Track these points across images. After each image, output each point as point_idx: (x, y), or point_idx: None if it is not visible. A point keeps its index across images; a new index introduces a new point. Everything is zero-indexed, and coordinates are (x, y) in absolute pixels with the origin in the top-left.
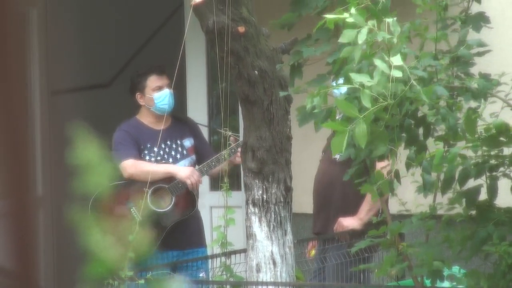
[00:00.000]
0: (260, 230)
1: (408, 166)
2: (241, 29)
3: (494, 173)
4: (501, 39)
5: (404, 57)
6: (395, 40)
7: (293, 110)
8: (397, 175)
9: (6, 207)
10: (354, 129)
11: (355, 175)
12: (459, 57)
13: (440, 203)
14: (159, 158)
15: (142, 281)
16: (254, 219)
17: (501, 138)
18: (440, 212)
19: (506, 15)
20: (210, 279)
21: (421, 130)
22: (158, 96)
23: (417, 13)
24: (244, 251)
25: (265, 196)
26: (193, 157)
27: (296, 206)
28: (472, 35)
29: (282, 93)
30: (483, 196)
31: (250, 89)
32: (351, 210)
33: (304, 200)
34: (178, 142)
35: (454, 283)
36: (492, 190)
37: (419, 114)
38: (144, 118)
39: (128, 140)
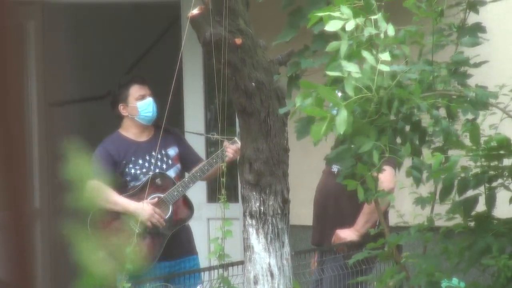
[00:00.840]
0: (257, 242)
1: (409, 174)
2: (238, 40)
3: (493, 184)
4: (499, 51)
5: (394, 57)
6: (382, 35)
7: (290, 122)
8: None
9: (3, 219)
10: (335, 116)
11: (346, 176)
12: (456, 68)
13: (438, 213)
14: (144, 170)
15: None
16: (252, 231)
17: (501, 152)
18: (438, 223)
19: (502, 27)
20: None
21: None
22: (142, 104)
23: (413, 21)
24: (241, 263)
25: (262, 208)
26: (178, 166)
27: (293, 218)
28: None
29: (281, 110)
30: (481, 207)
31: (247, 101)
32: (348, 222)
33: (302, 212)
34: (163, 152)
35: None
36: (491, 201)
37: (414, 118)
38: (127, 130)
39: (102, 158)
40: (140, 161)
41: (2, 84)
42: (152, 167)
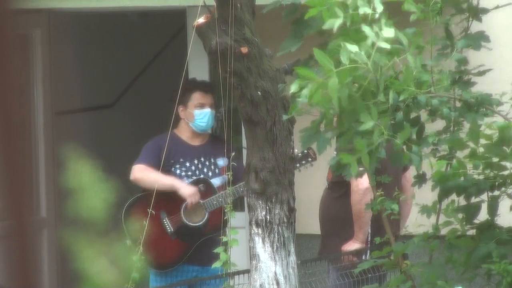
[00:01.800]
0: (263, 250)
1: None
2: (244, 49)
3: (495, 193)
4: (504, 59)
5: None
6: (377, 15)
7: (296, 131)
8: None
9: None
10: (327, 82)
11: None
12: (460, 77)
13: (444, 222)
14: (189, 173)
15: None
16: (258, 240)
17: (504, 148)
18: (444, 231)
19: (508, 35)
20: None
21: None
22: (199, 113)
23: (411, 20)
24: (247, 271)
25: (268, 217)
26: (225, 177)
27: (299, 227)
28: (472, 56)
29: (285, 117)
30: (483, 216)
31: (253, 110)
32: (341, 233)
33: (308, 221)
34: (212, 160)
35: None
36: (493, 209)
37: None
38: (182, 132)
39: (152, 150)
40: (188, 164)
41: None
42: (197, 172)
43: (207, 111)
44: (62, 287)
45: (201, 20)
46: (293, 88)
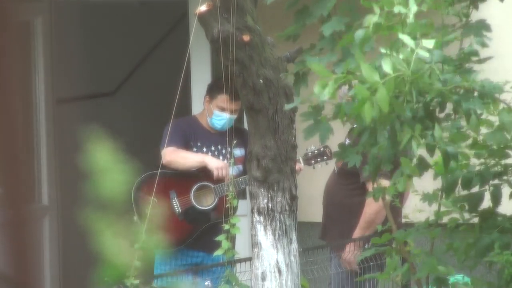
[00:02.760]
0: (265, 238)
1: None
2: (246, 37)
3: (497, 181)
4: (507, 47)
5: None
6: (411, 16)
7: (298, 119)
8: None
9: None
10: (375, 94)
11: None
12: (461, 64)
13: (444, 211)
14: None
15: None
16: (260, 228)
17: (505, 134)
18: (445, 219)
19: (510, 22)
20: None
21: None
22: (218, 114)
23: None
24: (249, 259)
25: (270, 205)
26: (240, 167)
27: (301, 215)
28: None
29: (287, 106)
30: (486, 204)
31: (255, 98)
32: (347, 220)
33: (309, 209)
34: (229, 149)
35: None
36: (496, 198)
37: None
38: (203, 118)
39: (177, 131)
40: (205, 149)
41: (10, 81)
42: None
43: (226, 116)
44: (64, 274)
45: (203, 8)
46: (316, 90)
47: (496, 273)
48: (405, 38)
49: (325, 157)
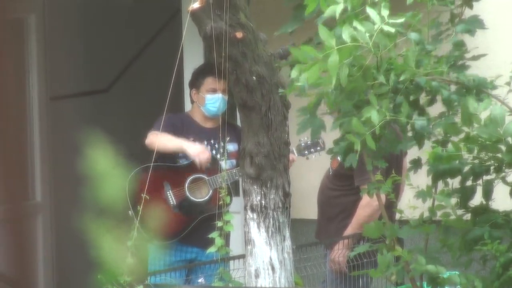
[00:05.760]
0: (258, 235)
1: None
2: (239, 34)
3: (490, 177)
4: (499, 42)
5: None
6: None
7: (291, 116)
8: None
9: (5, 213)
10: (327, 59)
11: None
12: (455, 62)
13: (437, 205)
14: None
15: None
16: (253, 225)
17: (498, 129)
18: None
19: (502, 18)
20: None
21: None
22: (210, 98)
23: (407, 4)
24: (242, 256)
25: (263, 202)
26: (234, 162)
27: (294, 212)
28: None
29: (281, 91)
30: (478, 200)
31: (248, 95)
32: (339, 219)
33: (303, 206)
34: (222, 144)
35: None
36: (488, 193)
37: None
38: (194, 114)
39: (166, 122)
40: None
41: (3, 78)
42: None
43: (219, 96)
44: (57, 271)
45: (195, 5)
46: (293, 73)
47: (490, 270)
48: (371, 12)
49: (318, 148)
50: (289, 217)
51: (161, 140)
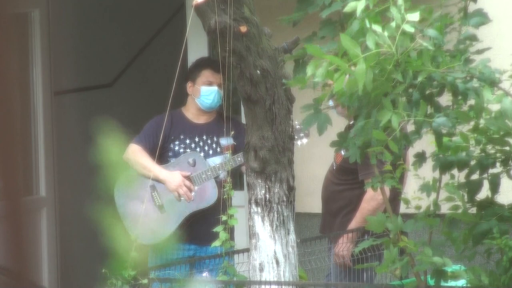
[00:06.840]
0: (263, 229)
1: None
2: (243, 28)
3: (496, 170)
4: (504, 37)
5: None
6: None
7: (295, 110)
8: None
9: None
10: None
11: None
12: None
13: (445, 197)
14: (188, 150)
15: (145, 281)
16: (257, 219)
17: (507, 121)
18: (444, 208)
19: (507, 11)
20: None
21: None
22: (206, 90)
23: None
24: (247, 250)
25: (268, 196)
26: (227, 156)
27: (299, 206)
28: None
29: (284, 81)
30: (483, 194)
31: (252, 89)
32: (344, 213)
33: (307, 200)
34: (215, 139)
35: (462, 282)
36: (494, 186)
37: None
38: (188, 109)
39: (150, 129)
40: (187, 141)
41: (8, 73)
42: (197, 149)
43: (214, 89)
44: (62, 265)
45: None
46: (309, 70)
47: (495, 263)
48: (394, 11)
49: (301, 135)
50: (293, 211)
51: (138, 162)
